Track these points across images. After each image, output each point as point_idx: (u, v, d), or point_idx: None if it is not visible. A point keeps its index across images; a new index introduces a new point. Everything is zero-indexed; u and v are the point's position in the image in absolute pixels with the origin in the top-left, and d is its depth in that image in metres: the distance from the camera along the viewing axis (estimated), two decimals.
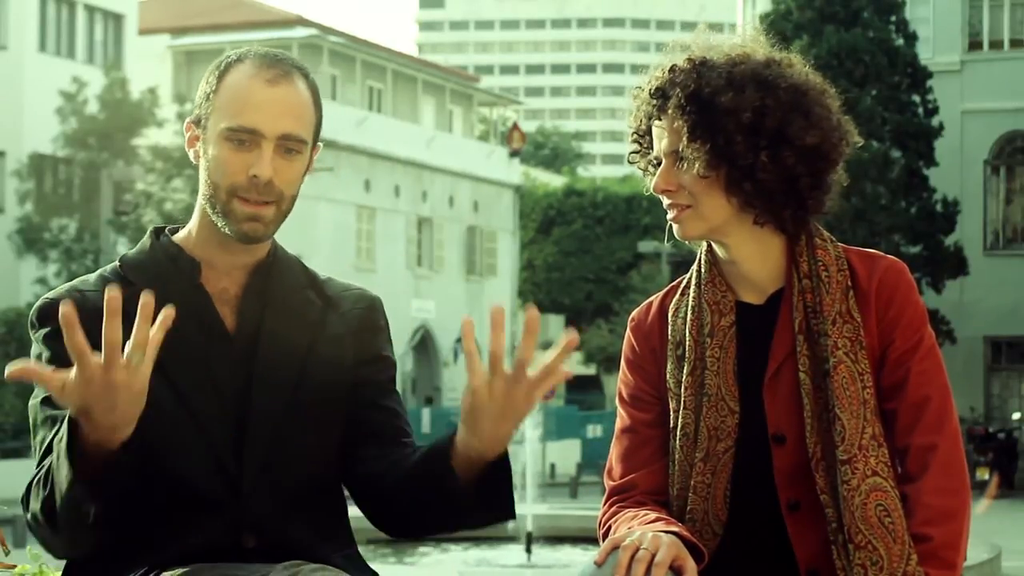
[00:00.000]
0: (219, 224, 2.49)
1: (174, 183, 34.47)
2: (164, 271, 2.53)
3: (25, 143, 35.34)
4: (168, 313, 2.14)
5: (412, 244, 45.45)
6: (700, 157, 2.57)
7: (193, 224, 2.58)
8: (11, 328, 30.15)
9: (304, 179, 2.58)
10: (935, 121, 33.48)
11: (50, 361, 2.44)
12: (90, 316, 2.40)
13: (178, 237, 2.59)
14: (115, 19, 39.92)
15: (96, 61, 38.56)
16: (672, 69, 2.63)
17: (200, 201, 2.53)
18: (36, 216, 33.75)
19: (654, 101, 2.64)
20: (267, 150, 2.45)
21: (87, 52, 38.93)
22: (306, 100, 2.52)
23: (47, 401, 2.43)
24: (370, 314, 2.65)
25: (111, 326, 2.11)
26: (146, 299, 2.13)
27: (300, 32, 42.64)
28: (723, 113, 2.55)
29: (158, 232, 2.61)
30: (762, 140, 2.56)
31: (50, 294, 2.53)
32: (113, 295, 2.11)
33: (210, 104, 2.50)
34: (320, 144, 2.61)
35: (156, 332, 2.13)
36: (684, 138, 2.58)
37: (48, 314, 2.46)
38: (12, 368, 2.10)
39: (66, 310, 2.10)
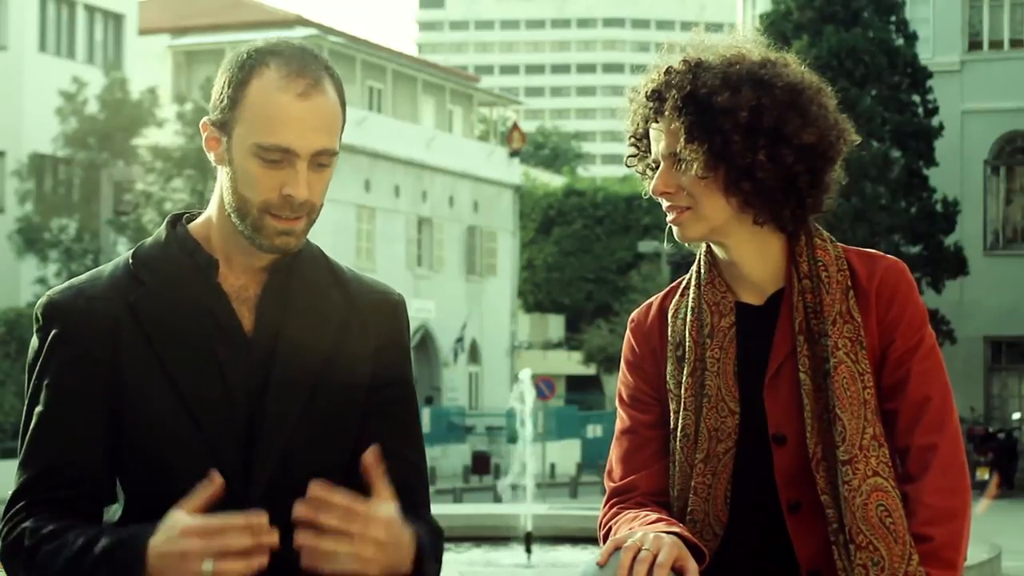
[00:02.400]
0: (246, 234, 2.39)
1: (174, 183, 34.51)
2: (179, 268, 2.43)
3: (25, 143, 35.37)
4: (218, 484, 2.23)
5: (412, 244, 45.47)
6: (698, 158, 2.56)
7: (213, 218, 2.46)
8: (11, 328, 30.16)
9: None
10: (935, 121, 33.50)
11: (45, 375, 2.40)
12: (95, 328, 2.39)
13: (196, 229, 2.47)
14: (115, 19, 39.93)
15: (96, 61, 38.58)
16: (668, 71, 2.62)
17: (224, 206, 2.42)
18: (36, 216, 33.77)
19: (650, 104, 2.63)
20: (301, 169, 2.35)
21: (87, 52, 38.95)
22: (336, 108, 2.39)
23: (33, 398, 2.41)
24: (393, 326, 2.54)
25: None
26: (253, 522, 2.18)
27: (300, 32, 42.62)
28: (720, 113, 2.55)
29: (175, 221, 2.50)
30: (760, 139, 2.56)
31: (56, 293, 2.44)
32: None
33: (235, 113, 2.37)
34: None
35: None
36: (682, 139, 2.57)
37: (51, 317, 2.41)
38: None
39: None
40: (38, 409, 2.40)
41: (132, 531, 2.25)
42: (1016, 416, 33.94)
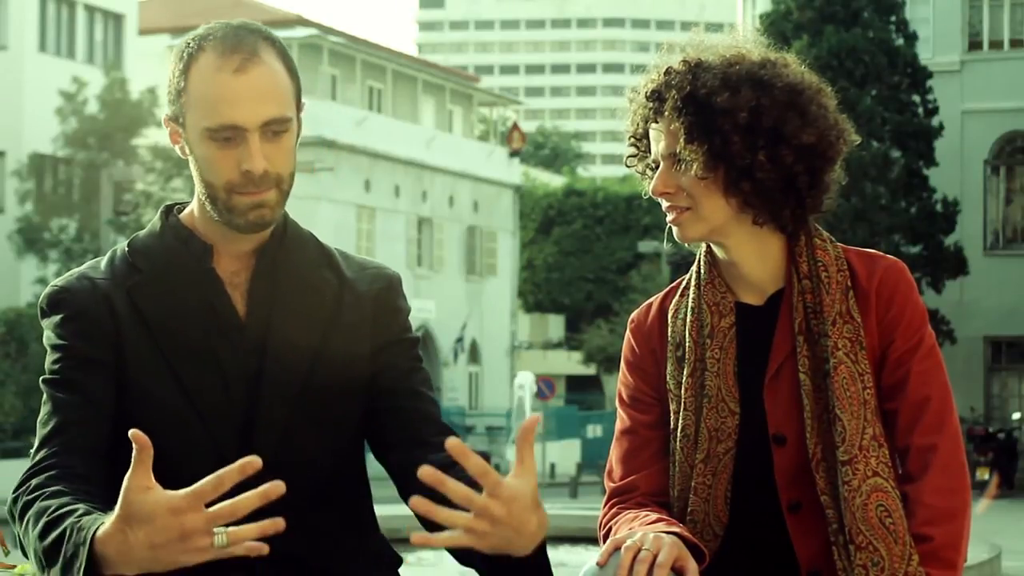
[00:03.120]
0: (223, 220, 2.41)
1: (174, 183, 34.50)
2: (174, 256, 2.45)
3: (25, 143, 35.36)
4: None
5: (412, 244, 45.45)
6: (698, 158, 2.57)
7: (195, 209, 2.49)
8: (11, 328, 30.13)
9: (297, 146, 2.46)
10: (935, 121, 33.48)
11: (59, 349, 2.41)
12: (100, 304, 2.41)
13: (186, 219, 2.50)
14: (115, 19, 39.92)
15: (96, 61, 38.57)
16: (667, 71, 2.63)
17: (199, 196, 2.45)
18: (36, 216, 33.76)
19: (650, 104, 2.64)
20: (253, 142, 2.35)
21: (87, 52, 38.94)
22: (279, 75, 2.39)
23: (49, 372, 2.41)
24: (388, 295, 2.55)
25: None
26: (245, 465, 2.01)
27: (300, 32, 42.64)
28: (720, 114, 2.55)
29: (168, 211, 2.53)
30: (759, 140, 2.56)
31: (59, 280, 2.47)
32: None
33: (182, 102, 2.39)
34: (305, 102, 2.49)
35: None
36: (681, 140, 2.58)
37: (59, 301, 2.43)
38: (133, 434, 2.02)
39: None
40: (51, 378, 2.40)
41: (83, 523, 2.12)
42: (1016, 416, 33.92)
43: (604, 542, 2.58)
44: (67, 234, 33.70)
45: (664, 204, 2.65)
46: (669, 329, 2.71)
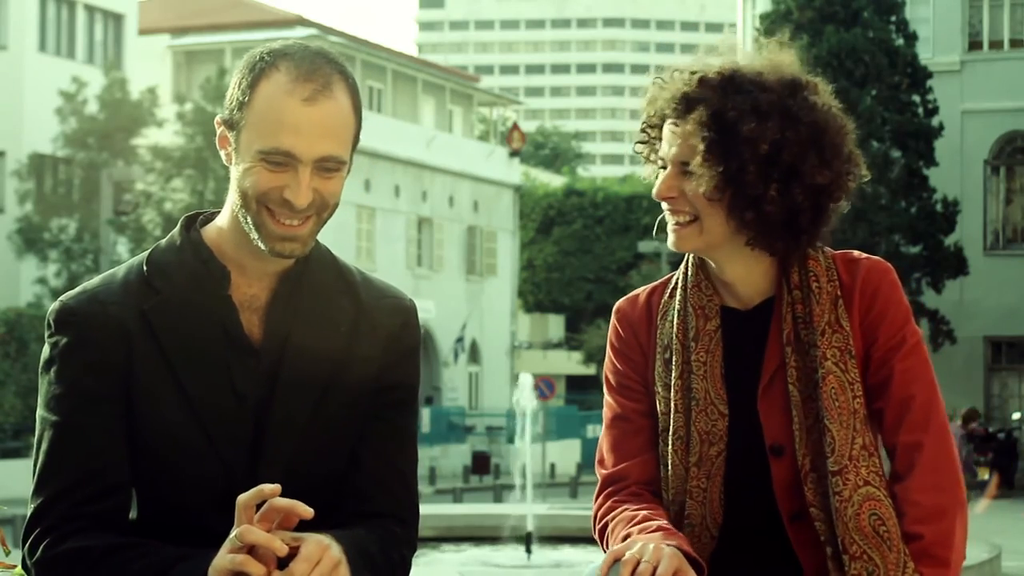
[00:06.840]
0: (252, 235, 2.36)
1: (174, 183, 34.48)
2: (192, 276, 2.39)
3: (25, 143, 35.35)
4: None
5: (412, 244, 45.45)
6: (710, 178, 2.54)
7: (225, 223, 2.43)
8: (11, 328, 30.13)
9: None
10: (935, 121, 33.48)
11: (62, 381, 2.36)
12: (110, 331, 2.36)
13: (210, 235, 2.44)
14: (115, 19, 39.92)
15: (96, 61, 38.56)
16: (702, 80, 2.58)
17: (233, 207, 2.39)
18: (36, 216, 33.74)
19: (676, 104, 2.60)
20: (303, 174, 2.31)
21: (87, 52, 38.93)
22: (345, 114, 2.37)
23: (50, 407, 2.36)
24: (403, 333, 2.50)
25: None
26: (259, 539, 2.16)
27: (300, 32, 42.61)
28: (742, 141, 2.52)
29: (189, 223, 2.47)
30: (774, 172, 2.53)
31: (70, 298, 2.40)
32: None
33: (243, 115, 2.33)
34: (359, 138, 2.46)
35: None
36: (699, 156, 2.55)
37: (65, 323, 2.37)
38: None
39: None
40: (55, 419, 2.36)
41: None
42: (1016, 416, 33.92)
43: (599, 535, 2.60)
44: (67, 234, 33.68)
45: (665, 207, 2.63)
46: (658, 331, 2.70)
